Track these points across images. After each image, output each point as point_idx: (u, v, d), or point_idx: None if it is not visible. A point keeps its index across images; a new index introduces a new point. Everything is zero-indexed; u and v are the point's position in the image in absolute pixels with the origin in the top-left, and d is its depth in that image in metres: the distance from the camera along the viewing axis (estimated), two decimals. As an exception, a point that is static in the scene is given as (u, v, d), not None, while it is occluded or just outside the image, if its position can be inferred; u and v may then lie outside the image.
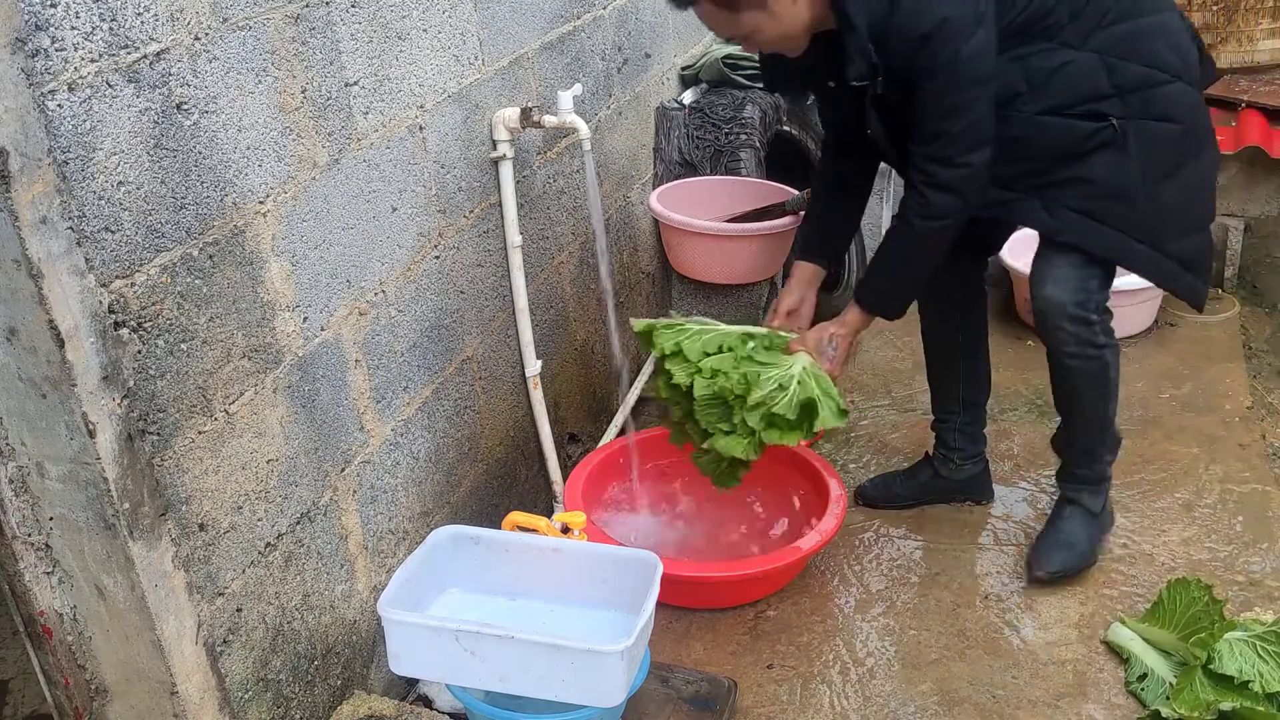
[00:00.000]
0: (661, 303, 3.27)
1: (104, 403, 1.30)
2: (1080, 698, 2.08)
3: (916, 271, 2.17)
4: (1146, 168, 2.05)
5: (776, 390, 2.10)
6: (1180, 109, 2.06)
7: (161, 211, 1.39)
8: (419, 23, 1.92)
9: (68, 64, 1.23)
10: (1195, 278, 2.18)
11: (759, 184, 2.85)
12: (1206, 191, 2.17)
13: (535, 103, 2.34)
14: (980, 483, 2.63)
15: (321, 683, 1.80)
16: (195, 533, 1.49)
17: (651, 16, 3.03)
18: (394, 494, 1.98)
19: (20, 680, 2.26)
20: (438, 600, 1.92)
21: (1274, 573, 2.35)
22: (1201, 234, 2.17)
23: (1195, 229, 2.16)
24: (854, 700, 2.10)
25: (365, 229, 1.82)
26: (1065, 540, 2.36)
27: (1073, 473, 2.39)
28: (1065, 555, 2.34)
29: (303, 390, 1.70)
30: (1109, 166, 2.05)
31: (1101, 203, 2.08)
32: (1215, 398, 3.00)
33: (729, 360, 2.15)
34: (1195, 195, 2.14)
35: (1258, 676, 1.94)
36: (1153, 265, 2.13)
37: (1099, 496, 2.39)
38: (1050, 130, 2.04)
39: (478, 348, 2.24)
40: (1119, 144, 2.03)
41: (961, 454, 2.58)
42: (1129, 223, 2.08)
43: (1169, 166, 2.07)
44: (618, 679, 1.65)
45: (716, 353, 2.17)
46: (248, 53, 1.51)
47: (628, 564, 1.87)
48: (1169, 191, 2.08)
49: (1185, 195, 2.11)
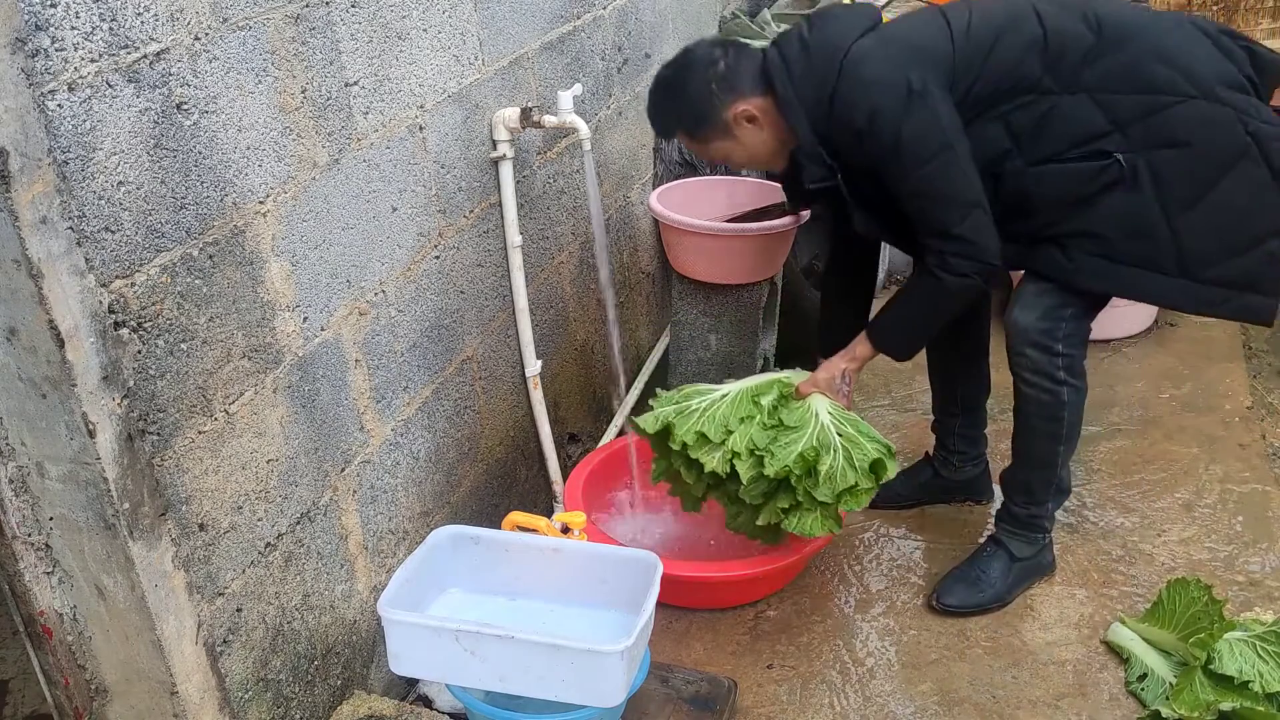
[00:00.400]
0: (661, 303, 3.27)
1: (104, 403, 1.30)
2: (1080, 698, 2.08)
3: (935, 322, 2.17)
4: (1165, 200, 1.96)
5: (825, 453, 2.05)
6: (1190, 130, 1.94)
7: (161, 211, 1.39)
8: (419, 23, 1.92)
9: (68, 64, 1.23)
10: (1255, 295, 2.02)
11: (759, 184, 2.85)
12: (1252, 206, 1.98)
13: (535, 103, 2.34)
14: (980, 483, 2.63)
15: (321, 683, 1.80)
16: (195, 533, 1.49)
17: (651, 16, 3.03)
18: (394, 494, 1.98)
19: (20, 680, 2.26)
20: (438, 600, 1.92)
21: (1274, 573, 2.35)
22: (1254, 250, 2.00)
23: (1244, 248, 2.00)
24: (854, 700, 2.10)
25: (365, 229, 1.82)
26: (975, 577, 2.31)
27: (1008, 510, 2.33)
28: (968, 592, 2.30)
29: (303, 390, 1.70)
30: (1122, 206, 1.97)
31: (1121, 244, 1.99)
32: (1215, 398, 3.00)
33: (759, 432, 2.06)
34: (1233, 214, 1.98)
35: (1257, 676, 1.94)
36: (1189, 296, 2.03)
37: (1029, 545, 2.32)
38: (1049, 179, 2.00)
39: (478, 348, 2.24)
40: (1128, 181, 1.96)
41: (961, 456, 2.58)
42: (1154, 260, 2.00)
43: (1191, 193, 1.97)
44: (618, 679, 1.65)
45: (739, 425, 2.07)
46: (248, 53, 1.51)
47: (628, 564, 1.87)
48: (1197, 218, 1.97)
49: (1220, 217, 1.97)
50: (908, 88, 1.91)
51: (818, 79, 1.98)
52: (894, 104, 1.92)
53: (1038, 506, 2.30)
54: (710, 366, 2.82)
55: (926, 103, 1.92)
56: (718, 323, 2.79)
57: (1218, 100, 1.95)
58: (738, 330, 2.79)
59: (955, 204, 1.96)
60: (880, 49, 1.97)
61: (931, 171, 1.95)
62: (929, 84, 1.92)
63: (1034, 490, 2.28)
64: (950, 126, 1.95)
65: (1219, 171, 1.96)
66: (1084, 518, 2.57)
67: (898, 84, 1.92)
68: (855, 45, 1.98)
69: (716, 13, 3.58)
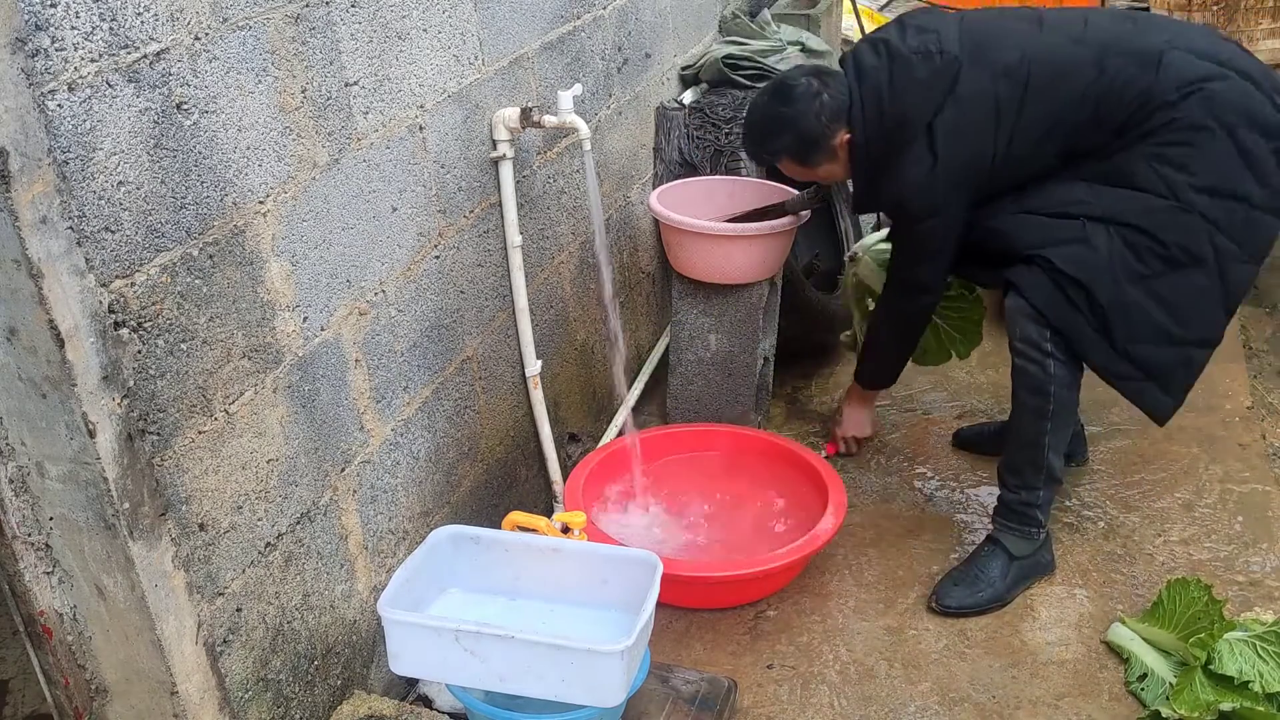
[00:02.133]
0: (661, 303, 3.27)
1: (104, 403, 1.30)
2: (1080, 698, 2.08)
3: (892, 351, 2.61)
4: (1114, 266, 2.11)
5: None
6: (1155, 224, 2.09)
7: (161, 211, 1.39)
8: (419, 23, 1.92)
9: (68, 64, 1.23)
10: (1158, 390, 2.18)
11: (759, 184, 2.85)
12: (1191, 307, 2.12)
13: (535, 103, 2.34)
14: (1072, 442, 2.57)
15: (321, 683, 1.80)
16: (195, 533, 1.49)
17: (651, 16, 3.03)
18: (394, 494, 1.98)
19: (20, 680, 2.26)
20: (438, 600, 1.92)
21: (1274, 573, 2.35)
22: (1178, 349, 2.14)
23: (1175, 343, 2.14)
24: (854, 700, 2.10)
25: (365, 229, 1.82)
26: (974, 577, 2.32)
27: (1002, 500, 2.35)
28: (966, 593, 2.31)
29: (303, 390, 1.70)
30: (1077, 255, 2.13)
31: (1069, 284, 2.13)
32: (1215, 398, 3.00)
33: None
34: (1171, 308, 2.11)
35: (1257, 677, 1.94)
36: (1103, 355, 2.16)
37: (1026, 542, 2.33)
38: (1027, 225, 2.20)
39: (478, 348, 2.24)
40: (1086, 240, 2.12)
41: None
42: (1088, 309, 2.13)
43: (1139, 272, 2.10)
44: (618, 679, 1.65)
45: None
46: (248, 53, 1.51)
47: (628, 564, 1.87)
48: (1138, 294, 2.11)
49: (1160, 304, 2.11)
50: (935, 209, 2.25)
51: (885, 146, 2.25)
52: (918, 208, 2.27)
53: (1028, 492, 2.30)
54: (710, 366, 2.82)
55: (942, 216, 2.26)
56: (718, 323, 2.79)
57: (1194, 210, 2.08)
58: (738, 330, 2.79)
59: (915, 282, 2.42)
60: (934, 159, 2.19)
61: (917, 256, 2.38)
62: (955, 205, 2.25)
63: (1022, 471, 2.30)
64: (953, 232, 2.29)
65: (1171, 266, 2.11)
66: (1084, 517, 2.57)
67: (930, 202, 2.24)
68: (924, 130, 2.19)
69: (716, 13, 3.58)
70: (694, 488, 2.63)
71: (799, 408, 3.13)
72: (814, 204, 2.64)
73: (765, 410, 2.99)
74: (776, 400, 3.12)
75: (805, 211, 2.65)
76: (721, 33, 3.57)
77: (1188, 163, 2.07)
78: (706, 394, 2.84)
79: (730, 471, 2.67)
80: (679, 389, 2.87)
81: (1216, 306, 2.14)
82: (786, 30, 3.52)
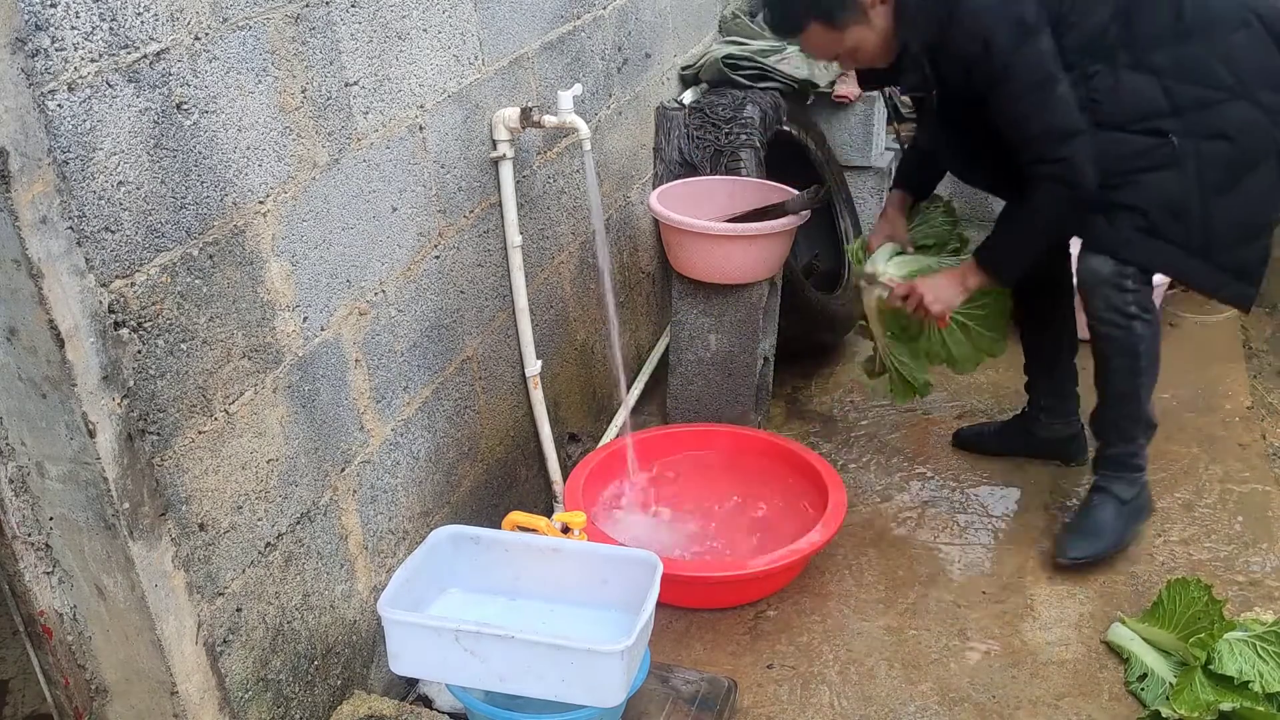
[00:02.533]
0: (661, 303, 3.27)
1: (104, 403, 1.30)
2: (1080, 698, 2.08)
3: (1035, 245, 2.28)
4: (1204, 185, 2.13)
5: None
6: (1233, 127, 2.12)
7: (161, 211, 1.39)
8: (419, 23, 1.92)
9: (68, 64, 1.23)
10: (1246, 284, 2.24)
11: (759, 184, 2.85)
12: (1262, 201, 2.20)
13: (535, 103, 2.34)
14: (1071, 445, 2.71)
15: (321, 683, 1.80)
16: (195, 533, 1.49)
17: (651, 16, 3.03)
18: (394, 494, 1.98)
19: (20, 680, 2.26)
20: (438, 600, 1.92)
21: (1274, 573, 2.35)
22: (1257, 242, 2.23)
23: (1251, 238, 2.21)
24: (854, 700, 2.10)
25: (365, 229, 1.82)
26: (1093, 528, 2.39)
27: (1105, 455, 2.43)
28: (1090, 543, 2.38)
29: (303, 390, 1.70)
30: (1167, 183, 2.13)
31: (1160, 221, 2.15)
32: (1215, 398, 3.00)
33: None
34: (1250, 207, 2.18)
35: (1257, 677, 1.94)
36: (1204, 276, 2.22)
37: (1131, 485, 2.41)
38: (1108, 146, 2.12)
39: (478, 348, 2.24)
40: (1176, 162, 2.13)
41: (1049, 413, 2.68)
42: (1185, 238, 2.17)
43: (1224, 183, 2.14)
44: (618, 679, 1.65)
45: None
46: (248, 53, 1.51)
47: (628, 564, 1.87)
48: (1224, 207, 2.15)
49: (1240, 209, 2.17)
50: (1020, 21, 2.06)
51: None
52: (1007, 36, 2.06)
53: (1130, 444, 2.39)
54: (710, 366, 2.82)
55: (1036, 38, 2.07)
56: (718, 323, 2.79)
57: (1258, 104, 2.13)
58: (738, 330, 2.79)
59: (1057, 131, 2.10)
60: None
61: (1038, 100, 2.09)
62: (1039, 20, 2.07)
63: (1123, 427, 2.38)
64: (1055, 61, 2.09)
65: (1248, 168, 2.15)
66: (1084, 518, 2.57)
67: (1012, 17, 2.06)
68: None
69: (716, 13, 3.58)
70: (694, 488, 2.63)
71: (799, 408, 3.13)
72: (814, 204, 2.64)
73: (765, 410, 2.99)
74: (776, 400, 3.12)
75: (805, 211, 2.65)
76: (721, 33, 3.57)
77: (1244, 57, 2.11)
78: (706, 394, 2.84)
79: (730, 471, 2.67)
80: (679, 389, 2.87)
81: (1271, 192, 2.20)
82: (786, 30, 3.51)
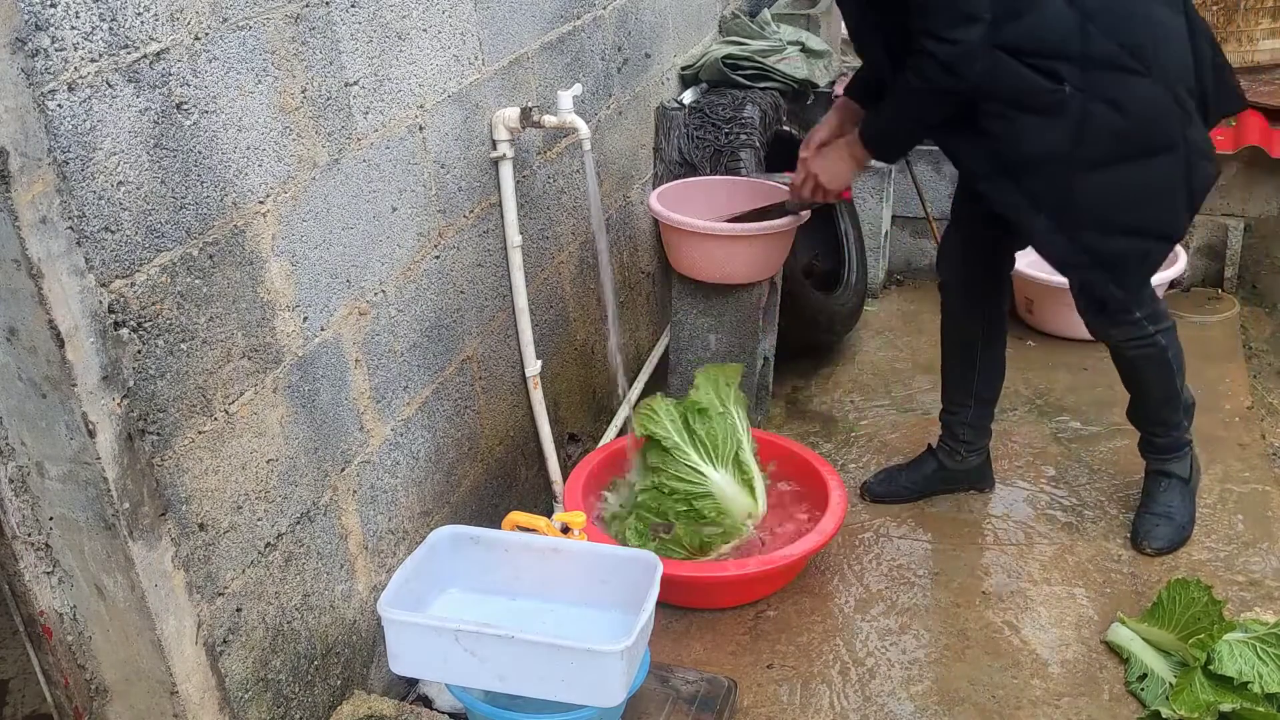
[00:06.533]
0: (662, 303, 3.27)
1: (104, 403, 1.30)
2: (1080, 698, 2.08)
3: (908, 124, 2.17)
4: (1077, 149, 2.02)
5: None
6: (1136, 103, 2.00)
7: (161, 211, 1.39)
8: (419, 23, 1.92)
9: (68, 64, 1.23)
10: (1109, 280, 2.14)
11: (759, 184, 2.84)
12: (1152, 201, 2.09)
13: (535, 103, 2.34)
14: (983, 472, 2.67)
15: (321, 683, 1.80)
16: (195, 533, 1.49)
17: (651, 16, 3.03)
18: (394, 494, 1.98)
19: (20, 680, 2.26)
20: (438, 600, 1.92)
21: (1274, 573, 2.35)
22: (1134, 240, 2.11)
23: (1127, 233, 2.10)
24: (854, 700, 2.10)
25: (365, 229, 1.82)
26: (1165, 513, 2.43)
27: (1153, 443, 2.46)
28: (1169, 528, 2.42)
29: (303, 390, 1.70)
30: (1044, 130, 2.02)
31: (1019, 163, 2.05)
32: (1215, 398, 3.00)
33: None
34: (1131, 198, 2.07)
35: (1257, 678, 1.94)
36: (1051, 243, 2.13)
37: (1185, 461, 2.44)
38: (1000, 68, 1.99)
39: (478, 348, 2.24)
40: (1060, 113, 2.00)
41: (968, 446, 2.61)
42: (1036, 194, 2.07)
43: (1101, 158, 2.03)
44: (618, 679, 1.65)
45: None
46: (248, 53, 1.51)
47: (628, 564, 1.87)
48: (1093, 182, 2.05)
49: (1116, 194, 2.06)
50: None
51: None
52: None
53: (1177, 430, 2.42)
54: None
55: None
56: (718, 323, 2.79)
57: (1175, 97, 2.03)
58: (738, 330, 2.79)
59: (958, 12, 1.94)
60: None
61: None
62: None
63: (1167, 419, 2.41)
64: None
65: (1136, 155, 2.04)
66: (1084, 517, 2.57)
67: None
68: None
69: (716, 13, 3.58)
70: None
71: (799, 408, 3.13)
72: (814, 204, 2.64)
73: (765, 410, 2.99)
74: (776, 400, 3.12)
75: (805, 211, 2.65)
76: (721, 33, 3.57)
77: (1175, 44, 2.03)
78: (706, 394, 2.83)
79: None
80: (679, 389, 2.87)
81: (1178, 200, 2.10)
82: (786, 30, 3.52)
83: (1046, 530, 2.54)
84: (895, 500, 2.66)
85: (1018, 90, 2.00)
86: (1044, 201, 2.09)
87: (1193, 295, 3.59)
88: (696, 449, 2.37)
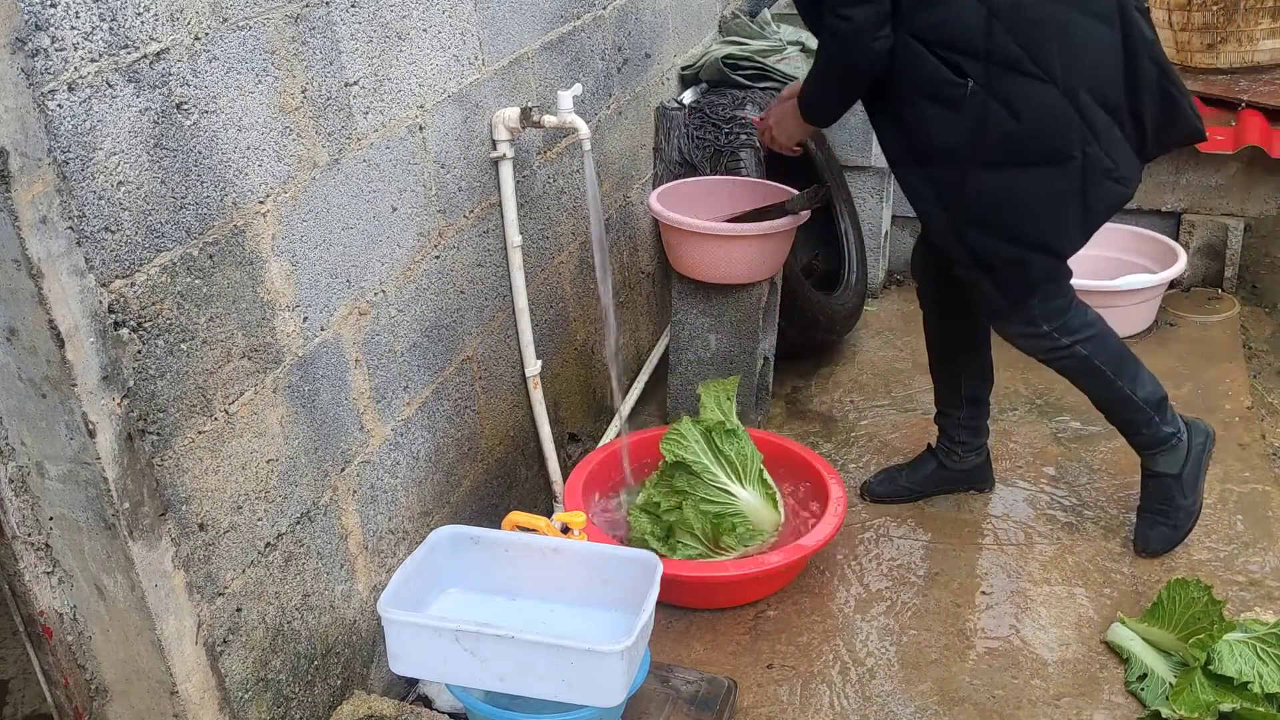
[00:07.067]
0: (662, 303, 3.27)
1: (104, 403, 1.30)
2: (1080, 698, 2.08)
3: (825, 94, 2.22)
4: (973, 145, 2.03)
5: None
6: (1029, 110, 1.99)
7: (161, 211, 1.39)
8: (419, 23, 1.92)
9: (68, 64, 1.23)
10: (990, 282, 2.14)
11: (759, 184, 2.85)
12: (1034, 210, 2.07)
13: (535, 103, 2.34)
14: (983, 471, 2.67)
15: (321, 683, 1.80)
16: (195, 533, 1.49)
17: (651, 16, 3.02)
18: (394, 494, 1.98)
19: (20, 680, 2.26)
20: (438, 600, 1.92)
21: (1274, 573, 2.35)
22: (1011, 247, 2.10)
23: (1005, 238, 2.09)
24: (854, 700, 2.10)
25: (365, 229, 1.82)
26: (1159, 513, 2.42)
27: (1132, 443, 2.44)
28: (1168, 531, 2.41)
29: (303, 390, 1.70)
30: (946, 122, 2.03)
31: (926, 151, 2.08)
32: (1215, 398, 3.00)
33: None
34: (1013, 203, 2.07)
35: (1257, 678, 1.94)
36: (941, 236, 2.15)
37: (1172, 453, 2.39)
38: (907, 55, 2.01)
39: (478, 348, 2.24)
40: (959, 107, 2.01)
41: (965, 446, 2.61)
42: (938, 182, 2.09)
43: (990, 158, 2.04)
44: (618, 679, 1.65)
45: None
46: (248, 53, 1.51)
47: (628, 564, 1.87)
48: (983, 181, 2.05)
49: (1000, 196, 2.06)
50: None
51: None
52: None
53: (1149, 427, 2.37)
54: (710, 366, 2.82)
55: None
56: (718, 323, 2.79)
57: (1077, 107, 2.00)
58: (738, 330, 2.79)
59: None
60: None
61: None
62: None
63: (1130, 419, 2.38)
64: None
65: (1028, 160, 2.03)
66: (1084, 517, 2.57)
67: None
68: None
69: (716, 13, 3.58)
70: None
71: (799, 408, 3.13)
72: (814, 204, 2.64)
73: (765, 410, 2.99)
74: (776, 400, 3.12)
75: (805, 211, 2.65)
76: (721, 33, 3.57)
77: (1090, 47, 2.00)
78: (706, 394, 2.83)
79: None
80: (679, 389, 2.87)
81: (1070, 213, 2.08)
82: (786, 30, 3.52)
83: (1046, 530, 2.54)
84: (895, 500, 2.66)
85: (929, 80, 2.02)
86: (941, 193, 2.11)
87: (1193, 295, 3.59)
88: (724, 469, 2.37)
